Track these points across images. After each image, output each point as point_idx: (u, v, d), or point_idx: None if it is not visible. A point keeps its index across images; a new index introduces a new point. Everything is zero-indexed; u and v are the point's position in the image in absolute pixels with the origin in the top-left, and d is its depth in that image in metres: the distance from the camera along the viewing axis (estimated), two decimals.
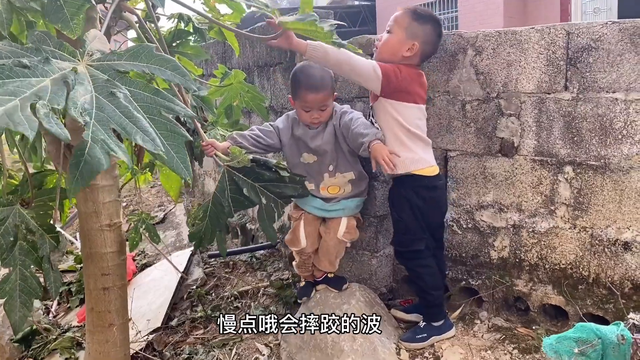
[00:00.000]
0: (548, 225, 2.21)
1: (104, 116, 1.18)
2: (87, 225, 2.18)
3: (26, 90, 1.13)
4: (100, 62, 1.35)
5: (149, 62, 1.36)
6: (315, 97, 2.16)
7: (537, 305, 2.25)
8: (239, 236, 3.85)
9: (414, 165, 2.14)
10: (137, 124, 1.20)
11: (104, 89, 1.24)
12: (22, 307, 1.91)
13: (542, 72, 2.14)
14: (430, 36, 2.16)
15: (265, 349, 2.46)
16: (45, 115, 1.08)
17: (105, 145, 1.13)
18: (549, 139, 2.17)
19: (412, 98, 2.13)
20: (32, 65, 1.21)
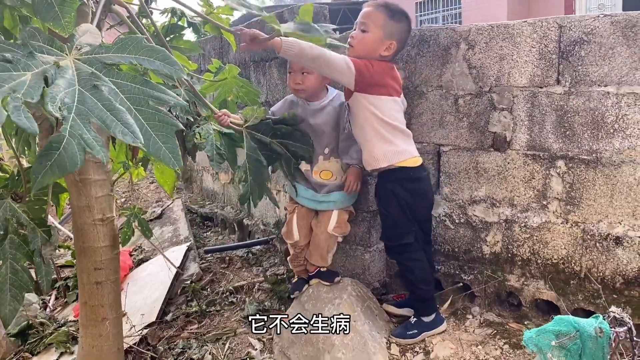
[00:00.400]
0: (540, 220, 2.20)
1: (84, 110, 1.17)
2: (80, 219, 2.18)
3: (4, 85, 1.13)
4: (87, 55, 1.35)
5: (137, 53, 1.35)
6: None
7: (529, 301, 2.24)
8: (236, 232, 3.86)
9: (396, 158, 2.12)
10: (117, 116, 1.19)
11: (87, 82, 1.24)
12: (12, 301, 1.91)
13: (535, 65, 2.13)
14: (405, 34, 2.15)
15: (258, 343, 2.47)
16: (15, 108, 1.07)
17: (82, 141, 1.12)
18: (541, 134, 2.15)
19: (387, 91, 2.11)
20: (15, 60, 1.21)
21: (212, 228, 4.24)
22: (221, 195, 4.47)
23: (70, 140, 1.11)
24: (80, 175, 2.12)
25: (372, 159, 2.16)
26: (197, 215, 4.48)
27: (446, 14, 14.34)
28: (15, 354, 2.98)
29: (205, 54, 4.27)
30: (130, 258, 3.71)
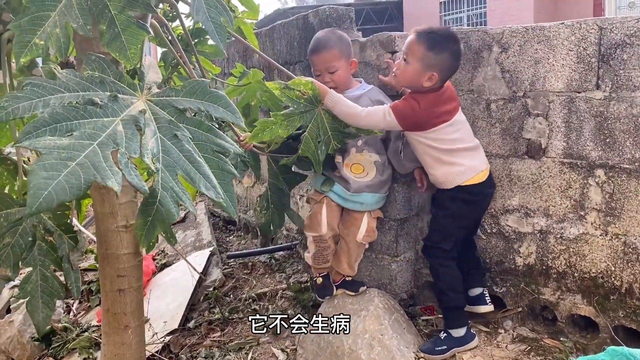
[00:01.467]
0: (577, 231, 2.10)
1: (170, 161, 1.21)
2: (104, 226, 2.16)
3: (101, 134, 1.16)
4: (159, 97, 1.39)
5: (203, 98, 1.39)
6: (319, 58, 2.18)
7: (565, 316, 2.14)
8: (259, 236, 3.81)
9: (460, 178, 2.10)
10: (199, 169, 1.23)
11: (167, 131, 1.28)
12: (44, 308, 1.92)
13: (572, 69, 2.03)
14: (448, 62, 2.03)
15: (281, 354, 2.42)
16: (126, 165, 1.12)
17: (175, 194, 1.15)
18: (579, 141, 2.06)
19: (439, 121, 2.05)
20: (103, 105, 1.24)
21: (235, 232, 4.21)
22: (244, 199, 4.43)
23: (164, 194, 1.14)
24: None
25: (436, 182, 2.18)
26: (219, 219, 4.46)
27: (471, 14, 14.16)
28: (39, 358, 2.98)
29: (229, 57, 4.24)
30: (154, 262, 3.69)
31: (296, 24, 3.09)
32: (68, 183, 1.04)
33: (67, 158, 1.07)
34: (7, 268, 1.84)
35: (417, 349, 2.17)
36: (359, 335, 2.14)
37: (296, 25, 3.09)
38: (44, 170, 1.04)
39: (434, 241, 2.22)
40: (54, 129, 1.13)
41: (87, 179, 1.06)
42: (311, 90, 1.99)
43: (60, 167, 1.05)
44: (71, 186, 1.04)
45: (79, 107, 1.19)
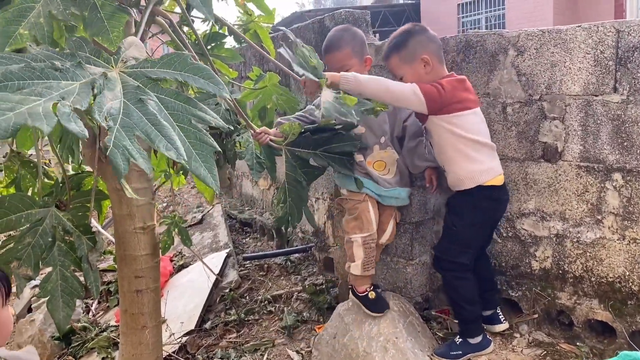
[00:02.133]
0: (594, 235, 2.08)
1: (129, 122, 1.18)
2: (121, 227, 2.20)
3: (53, 92, 1.14)
4: (133, 68, 1.36)
5: (182, 70, 1.36)
6: (331, 58, 2.16)
7: (581, 321, 2.12)
8: (274, 238, 3.84)
9: (483, 177, 2.05)
10: (162, 131, 1.20)
11: (133, 96, 1.25)
12: (65, 307, 1.95)
13: (589, 73, 2.02)
14: (422, 40, 2.09)
15: (296, 355, 2.43)
16: (65, 114, 1.09)
17: (126, 152, 1.13)
18: (596, 144, 2.04)
19: (464, 105, 2.03)
20: (64, 69, 1.23)
21: (251, 234, 4.24)
22: (260, 201, 4.46)
23: (114, 150, 1.12)
24: None
25: (457, 180, 2.09)
26: (236, 221, 4.49)
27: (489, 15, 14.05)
28: (59, 357, 3.04)
29: (246, 61, 4.27)
30: (171, 264, 3.74)
31: (312, 27, 3.11)
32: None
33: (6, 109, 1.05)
34: (28, 267, 1.88)
35: (431, 353, 2.16)
36: (374, 338, 2.14)
37: (312, 29, 3.11)
38: None
39: (451, 255, 2.14)
40: (5, 86, 1.11)
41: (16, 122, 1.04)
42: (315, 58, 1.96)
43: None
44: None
45: (36, 69, 1.17)
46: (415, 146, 2.26)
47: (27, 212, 1.92)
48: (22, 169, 2.43)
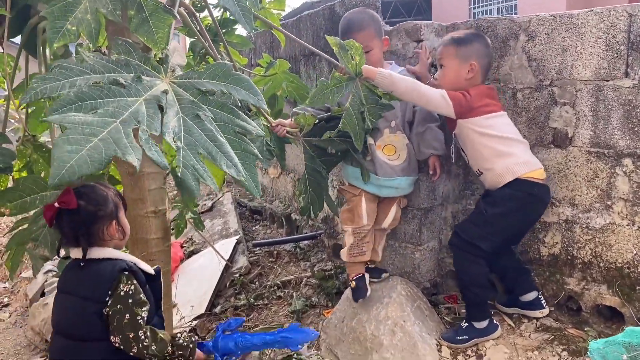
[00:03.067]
0: (604, 221, 2.08)
1: (192, 140, 1.24)
2: (134, 211, 2.22)
3: (124, 112, 1.20)
4: (182, 79, 1.42)
5: (225, 80, 1.42)
6: (354, 37, 2.12)
7: (589, 306, 2.12)
8: (284, 226, 3.86)
9: (521, 169, 2.04)
10: (221, 148, 1.27)
11: (189, 111, 1.31)
12: None
13: (601, 57, 2.01)
14: (482, 50, 2.14)
15: None
16: (146, 141, 1.15)
17: (195, 172, 1.18)
18: (607, 130, 2.03)
19: (490, 109, 2.08)
20: (127, 85, 1.28)
21: (261, 222, 4.27)
22: (270, 190, 4.49)
23: (184, 171, 1.16)
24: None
25: (496, 176, 2.08)
26: (246, 209, 4.52)
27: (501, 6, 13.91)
28: None
29: (256, 48, 4.28)
30: (182, 250, 3.78)
31: (322, 14, 3.11)
32: (90, 157, 1.07)
33: (90, 134, 1.10)
34: (44, 248, 1.91)
35: (438, 336, 2.18)
36: (382, 322, 2.16)
37: (322, 16, 3.12)
38: (67, 144, 1.08)
39: (470, 236, 2.11)
40: (79, 106, 1.17)
41: (108, 153, 1.09)
42: (359, 56, 1.97)
43: (83, 142, 1.09)
44: (93, 160, 1.07)
45: (104, 87, 1.23)
46: (423, 132, 2.26)
47: (42, 194, 1.95)
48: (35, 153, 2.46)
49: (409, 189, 2.32)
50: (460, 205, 2.51)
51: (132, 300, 1.48)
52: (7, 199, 1.87)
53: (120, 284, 1.48)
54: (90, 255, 1.52)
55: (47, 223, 1.58)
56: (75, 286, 1.53)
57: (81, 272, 1.52)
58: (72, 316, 1.51)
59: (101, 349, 1.49)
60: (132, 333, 1.45)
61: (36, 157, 2.47)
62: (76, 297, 1.51)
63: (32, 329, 3.41)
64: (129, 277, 1.50)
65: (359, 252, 2.33)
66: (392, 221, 2.35)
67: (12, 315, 3.94)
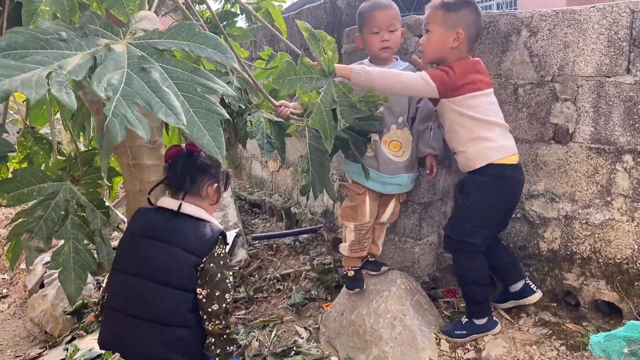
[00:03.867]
0: (603, 217, 2.08)
1: (130, 91, 1.17)
2: (134, 203, 2.22)
3: (53, 61, 1.14)
4: (140, 40, 1.36)
5: (189, 40, 1.35)
6: (384, 13, 2.13)
7: (588, 301, 2.14)
8: (283, 219, 3.87)
9: (494, 155, 2.01)
10: (163, 98, 1.19)
11: (136, 65, 1.24)
12: (76, 279, 1.98)
13: (602, 54, 2.01)
14: (470, 18, 2.04)
15: (304, 332, 2.46)
16: (58, 83, 1.09)
17: (125, 120, 1.13)
18: (607, 126, 2.04)
19: (476, 86, 2.01)
20: (69, 39, 1.23)
21: (260, 215, 4.27)
22: (269, 183, 4.49)
23: (112, 119, 1.11)
24: (134, 160, 2.16)
25: (467, 160, 2.07)
26: (245, 202, 4.52)
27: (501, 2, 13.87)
28: (70, 331, 3.09)
29: (256, 41, 4.27)
30: None
31: (324, 7, 3.11)
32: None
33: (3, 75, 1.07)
34: (39, 240, 1.91)
35: (438, 330, 2.19)
36: (381, 315, 2.17)
37: (324, 9, 3.11)
38: None
39: (461, 235, 2.11)
40: (8, 54, 1.12)
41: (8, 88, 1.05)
42: (332, 51, 1.91)
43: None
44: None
45: (40, 39, 1.17)
46: (423, 130, 2.26)
47: (40, 185, 1.94)
48: (35, 145, 2.46)
49: (411, 185, 2.33)
50: None
51: (223, 262, 1.66)
52: (4, 190, 1.86)
53: (216, 245, 1.66)
54: (185, 210, 1.70)
55: (165, 161, 1.84)
56: (172, 236, 1.67)
57: (177, 224, 1.69)
58: (167, 262, 1.64)
59: (181, 297, 1.62)
60: (219, 292, 1.62)
61: (37, 149, 2.46)
62: (174, 247, 1.65)
63: (32, 320, 3.42)
64: (222, 242, 1.70)
65: (359, 248, 2.37)
66: (391, 215, 2.37)
67: (10, 306, 3.94)
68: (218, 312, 1.62)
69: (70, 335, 3.01)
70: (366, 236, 2.35)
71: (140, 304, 1.64)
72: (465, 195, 2.11)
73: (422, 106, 2.27)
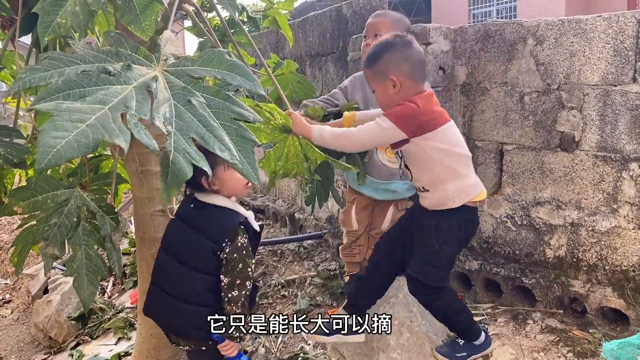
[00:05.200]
0: (609, 224, 2.10)
1: (183, 125, 1.22)
2: (141, 210, 2.24)
3: (113, 99, 1.19)
4: (175, 67, 1.40)
5: (220, 67, 1.40)
6: (371, 21, 2.17)
7: (594, 308, 2.15)
8: (287, 225, 3.87)
9: (471, 192, 1.87)
10: (214, 132, 1.24)
11: (181, 97, 1.29)
12: (89, 285, 1.99)
13: (608, 62, 2.03)
14: (395, 58, 1.83)
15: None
16: (135, 125, 1.13)
17: (187, 155, 1.18)
18: (614, 134, 2.05)
19: (442, 120, 1.82)
20: (116, 73, 1.27)
21: (264, 221, 4.28)
22: (273, 189, 4.50)
23: (176, 155, 1.16)
24: (142, 167, 2.18)
25: (444, 199, 1.87)
26: (249, 208, 4.53)
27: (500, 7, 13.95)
28: (75, 336, 3.10)
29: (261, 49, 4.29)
30: None
31: (329, 15, 3.13)
32: (77, 141, 1.05)
33: (77, 120, 1.08)
34: (54, 247, 1.92)
35: (445, 337, 2.19)
36: None
37: (329, 17, 3.13)
38: (54, 130, 1.05)
39: (434, 281, 1.92)
40: (67, 95, 1.15)
41: (95, 137, 1.07)
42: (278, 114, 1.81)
43: (70, 128, 1.06)
44: (80, 144, 1.05)
45: (92, 75, 1.21)
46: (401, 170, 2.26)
47: (53, 192, 1.95)
48: None
49: (406, 193, 2.29)
50: None
51: (245, 252, 1.76)
52: (19, 197, 1.88)
53: (237, 235, 1.76)
54: (206, 200, 1.82)
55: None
56: (196, 222, 1.81)
57: (202, 212, 1.82)
58: (189, 246, 1.81)
59: (201, 279, 1.78)
60: (239, 280, 1.75)
61: None
62: (196, 232, 1.79)
63: (36, 325, 3.42)
64: (244, 231, 1.79)
65: (349, 254, 2.42)
66: (391, 223, 2.33)
67: (14, 311, 3.94)
68: (237, 299, 1.75)
69: (75, 341, 3.02)
70: (357, 243, 2.38)
71: (170, 282, 1.83)
72: (442, 239, 1.90)
73: None
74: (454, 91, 2.47)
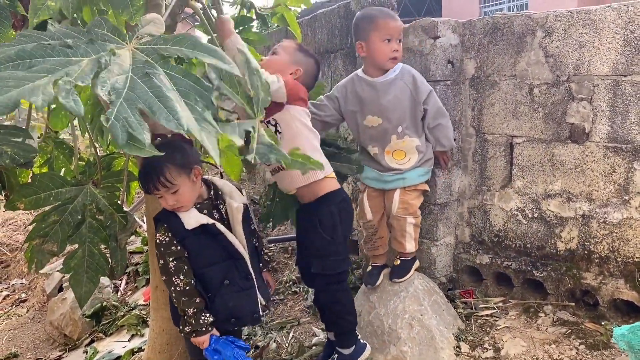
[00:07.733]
0: (621, 216, 2.08)
1: (133, 96, 1.20)
2: (153, 206, 2.25)
3: (60, 69, 1.18)
4: (146, 45, 1.37)
5: (193, 48, 1.36)
6: (396, 23, 2.14)
7: (606, 300, 2.13)
8: None
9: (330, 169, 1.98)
10: (165, 103, 1.20)
11: (140, 70, 1.26)
12: (88, 282, 1.98)
13: (618, 53, 2.02)
14: (311, 69, 2.06)
15: (322, 332, 2.47)
16: (65, 90, 1.11)
17: (127, 124, 1.16)
18: (624, 125, 2.04)
19: (305, 103, 1.98)
20: (75, 46, 1.25)
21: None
22: None
23: (115, 122, 1.14)
24: None
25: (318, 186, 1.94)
26: (259, 206, 4.54)
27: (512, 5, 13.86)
28: (89, 333, 3.13)
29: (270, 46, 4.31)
30: None
31: (338, 12, 3.13)
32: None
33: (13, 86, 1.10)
34: (54, 244, 1.93)
35: (456, 330, 2.19)
36: (399, 315, 2.18)
37: (338, 14, 3.14)
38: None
39: (333, 268, 1.96)
40: (17, 64, 1.15)
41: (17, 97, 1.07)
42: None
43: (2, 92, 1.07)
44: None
45: (48, 48, 1.20)
46: (433, 128, 2.25)
47: (57, 190, 1.95)
48: (55, 149, 2.49)
49: (418, 179, 2.28)
50: (477, 200, 2.52)
51: (163, 249, 1.77)
52: (22, 194, 1.89)
53: (157, 232, 1.80)
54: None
55: None
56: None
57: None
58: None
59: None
60: (164, 277, 1.79)
61: (57, 153, 2.50)
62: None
63: (51, 323, 3.46)
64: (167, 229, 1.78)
65: (372, 247, 2.40)
66: (400, 205, 2.27)
67: (29, 310, 3.99)
68: (172, 295, 1.78)
69: (89, 338, 3.05)
70: (376, 236, 2.36)
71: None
72: (326, 230, 1.94)
73: (431, 105, 2.23)
74: (462, 85, 2.47)
